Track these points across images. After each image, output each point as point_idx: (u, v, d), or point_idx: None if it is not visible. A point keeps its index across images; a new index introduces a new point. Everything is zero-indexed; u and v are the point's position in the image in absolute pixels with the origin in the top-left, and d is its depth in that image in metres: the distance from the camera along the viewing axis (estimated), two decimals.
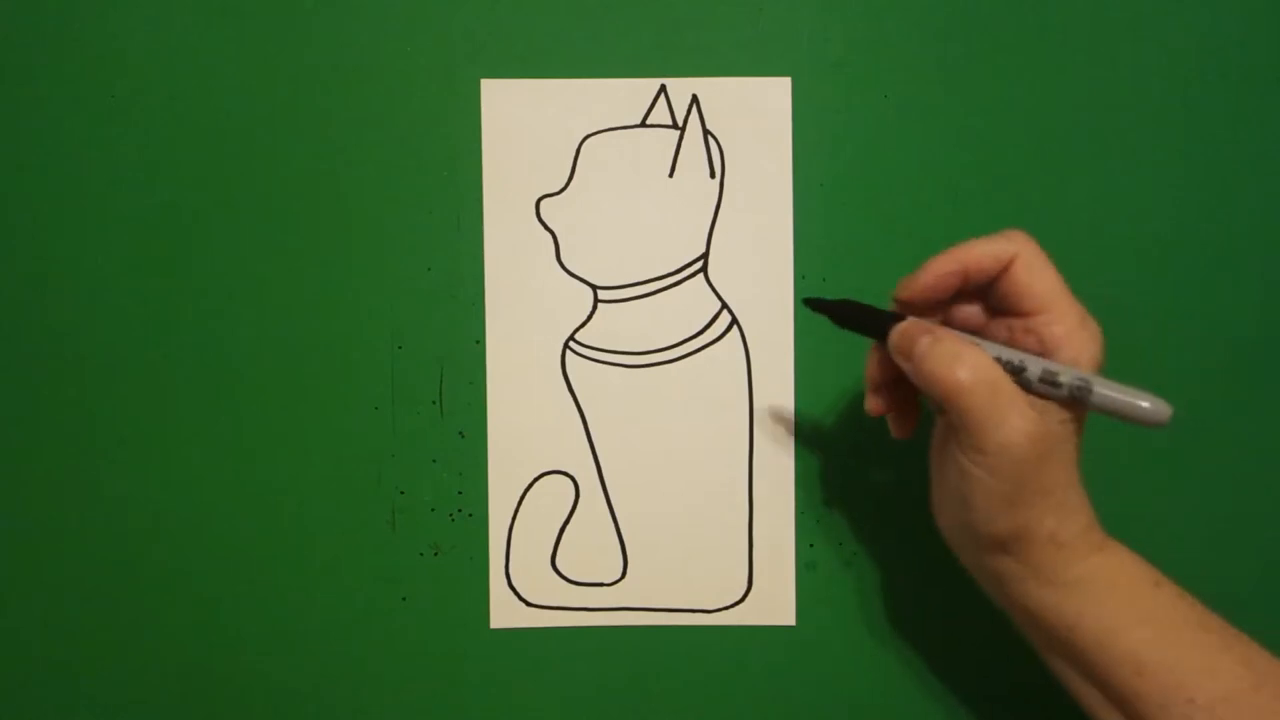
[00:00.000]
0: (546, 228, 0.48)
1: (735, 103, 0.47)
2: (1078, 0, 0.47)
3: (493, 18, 0.47)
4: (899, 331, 0.38)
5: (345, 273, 0.47)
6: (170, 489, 0.47)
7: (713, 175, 0.48)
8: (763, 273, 0.48)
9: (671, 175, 0.48)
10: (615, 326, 0.48)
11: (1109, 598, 0.36)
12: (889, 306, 0.41)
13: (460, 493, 0.48)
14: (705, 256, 0.48)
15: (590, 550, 0.48)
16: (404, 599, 0.48)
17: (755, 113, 0.47)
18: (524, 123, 0.47)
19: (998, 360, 0.36)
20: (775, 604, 0.48)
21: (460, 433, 0.48)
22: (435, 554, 0.48)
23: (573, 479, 0.48)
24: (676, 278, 0.48)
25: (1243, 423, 0.48)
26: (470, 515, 0.48)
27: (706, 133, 0.47)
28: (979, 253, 0.38)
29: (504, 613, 0.48)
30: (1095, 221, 0.48)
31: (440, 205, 0.47)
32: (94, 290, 0.47)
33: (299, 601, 0.48)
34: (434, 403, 0.48)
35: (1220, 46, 0.47)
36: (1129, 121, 0.47)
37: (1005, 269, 0.37)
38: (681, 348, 0.48)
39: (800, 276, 0.48)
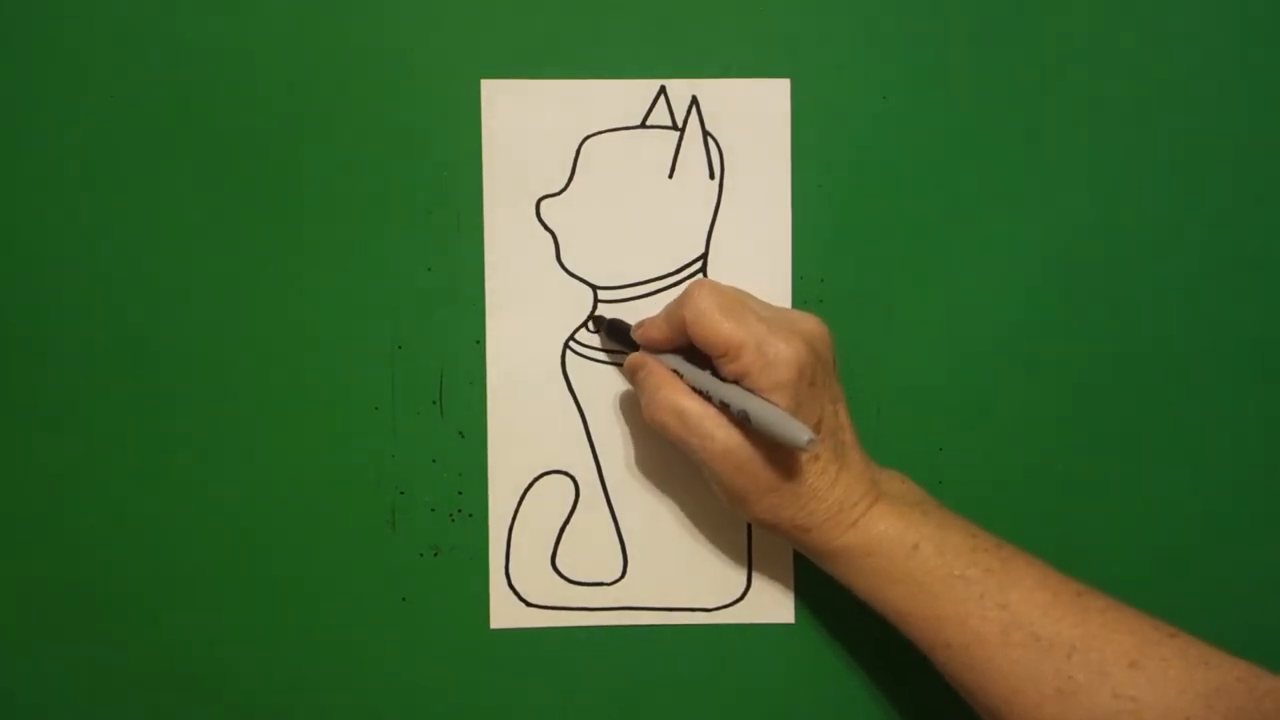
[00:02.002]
0: (546, 228, 0.48)
1: (735, 104, 0.47)
2: (1076, 2, 0.47)
3: (493, 18, 0.47)
4: (626, 363, 0.45)
5: (345, 273, 0.47)
6: (170, 489, 0.47)
7: (712, 176, 0.48)
8: (762, 273, 0.48)
9: (671, 176, 0.48)
10: None
11: (864, 564, 0.41)
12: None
13: (460, 493, 0.48)
14: (705, 257, 0.48)
15: (590, 550, 0.48)
16: (404, 599, 0.48)
17: (755, 114, 0.47)
18: (524, 123, 0.47)
19: (694, 388, 0.42)
20: (774, 602, 0.48)
21: (460, 433, 0.48)
22: (435, 554, 0.48)
23: (573, 479, 0.48)
24: (676, 278, 0.48)
25: (1243, 422, 0.49)
26: (470, 515, 0.48)
27: (706, 134, 0.47)
28: (664, 316, 0.43)
29: (504, 613, 0.48)
30: (1094, 222, 0.48)
31: (440, 205, 0.47)
32: (93, 291, 0.47)
33: (299, 601, 0.48)
34: (434, 403, 0.48)
35: (1219, 47, 0.48)
36: (1127, 122, 0.48)
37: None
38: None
39: (799, 277, 0.48)
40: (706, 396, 0.41)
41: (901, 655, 0.48)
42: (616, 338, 0.47)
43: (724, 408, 0.40)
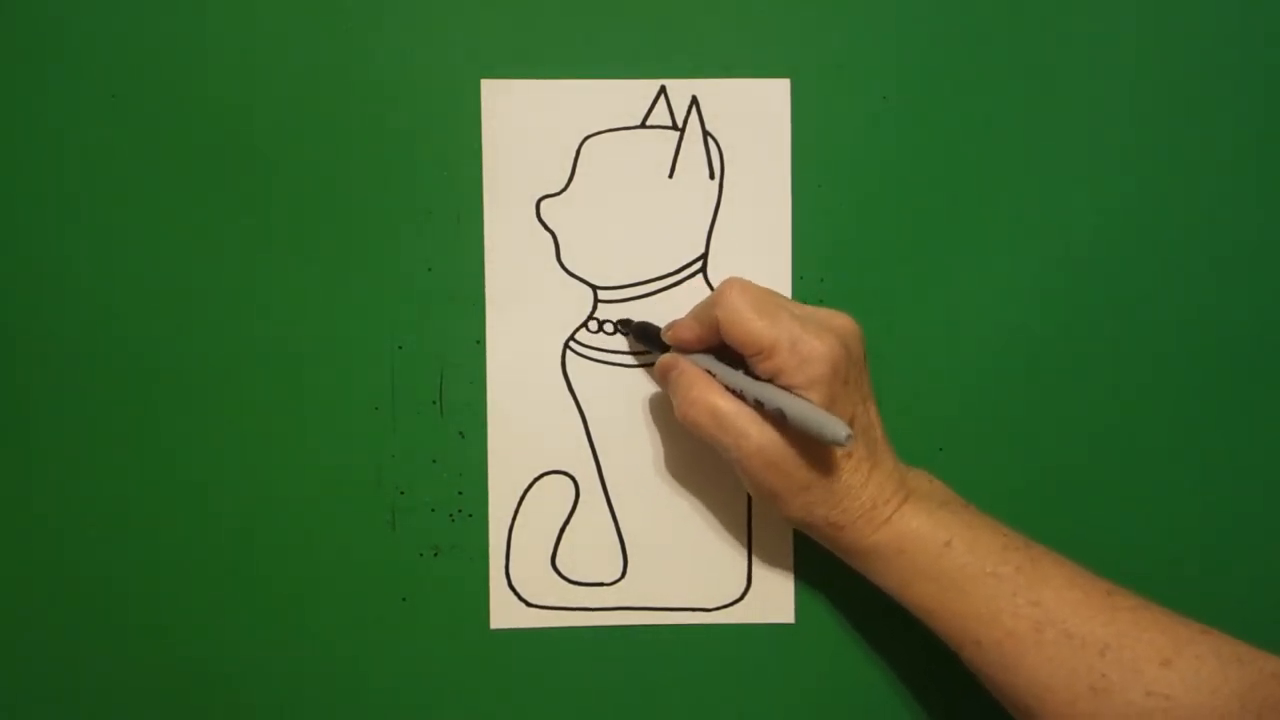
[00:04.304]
0: (546, 228, 0.48)
1: (735, 104, 0.47)
2: (1075, 2, 0.47)
3: (493, 18, 0.47)
4: (658, 364, 0.45)
5: (345, 273, 0.47)
6: (170, 489, 0.47)
7: (712, 176, 0.48)
8: (761, 273, 0.48)
9: (671, 176, 0.48)
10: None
11: (897, 561, 0.41)
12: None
13: (460, 493, 0.48)
14: (705, 257, 0.48)
15: (590, 550, 0.48)
16: (404, 599, 0.48)
17: (755, 114, 0.47)
18: (524, 123, 0.47)
19: (727, 387, 0.41)
20: (774, 602, 0.48)
21: (460, 433, 0.48)
22: (435, 554, 0.48)
23: (573, 479, 0.48)
24: (676, 278, 0.48)
25: (1243, 423, 0.49)
26: (470, 515, 0.48)
27: (706, 134, 0.47)
28: (695, 317, 0.43)
29: (504, 613, 0.48)
30: (1093, 221, 0.48)
31: (440, 205, 0.47)
32: (94, 291, 0.47)
33: (299, 601, 0.48)
34: (434, 403, 0.48)
35: (1219, 46, 0.48)
36: (1127, 122, 0.48)
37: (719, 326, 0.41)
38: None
39: (799, 277, 0.48)
40: (740, 395, 0.41)
41: (901, 655, 0.48)
42: (646, 340, 0.47)
43: (758, 406, 0.40)
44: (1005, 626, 0.39)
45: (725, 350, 0.42)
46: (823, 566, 0.48)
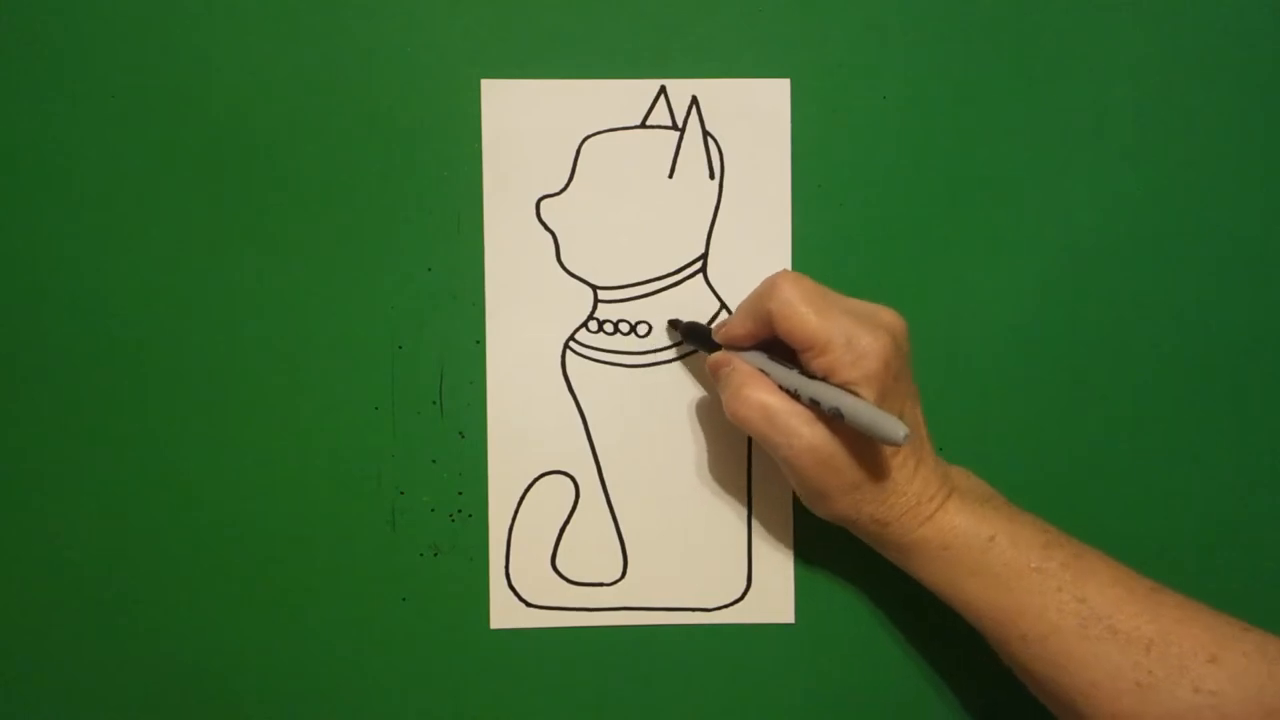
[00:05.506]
0: (546, 228, 0.48)
1: (735, 104, 0.47)
2: (1075, 2, 0.47)
3: (493, 18, 0.47)
4: (709, 360, 0.45)
5: (345, 273, 0.47)
6: (170, 489, 0.47)
7: (712, 176, 0.48)
8: (762, 273, 0.47)
9: (671, 176, 0.48)
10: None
11: (940, 557, 0.41)
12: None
13: (460, 493, 0.48)
14: (705, 257, 0.48)
15: (590, 550, 0.48)
16: (404, 599, 0.48)
17: (754, 114, 0.47)
18: (524, 123, 0.47)
19: (780, 385, 0.41)
20: (774, 602, 0.48)
21: (460, 433, 0.48)
22: (435, 554, 0.48)
23: (573, 479, 0.48)
24: (676, 278, 0.48)
25: (1243, 422, 0.49)
26: (470, 515, 0.48)
27: (706, 134, 0.47)
28: (746, 311, 0.42)
29: (504, 613, 0.48)
30: (1094, 221, 0.48)
31: (440, 205, 0.47)
32: (94, 291, 0.47)
33: (299, 601, 0.48)
34: (434, 403, 0.48)
35: (1220, 44, 0.48)
36: (1127, 121, 0.48)
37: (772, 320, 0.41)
38: (681, 347, 0.48)
39: None
40: (793, 393, 0.41)
41: (901, 655, 0.48)
42: (695, 339, 0.46)
43: (813, 404, 0.40)
44: (1051, 622, 0.39)
45: (775, 345, 0.42)
46: (823, 566, 0.48)
